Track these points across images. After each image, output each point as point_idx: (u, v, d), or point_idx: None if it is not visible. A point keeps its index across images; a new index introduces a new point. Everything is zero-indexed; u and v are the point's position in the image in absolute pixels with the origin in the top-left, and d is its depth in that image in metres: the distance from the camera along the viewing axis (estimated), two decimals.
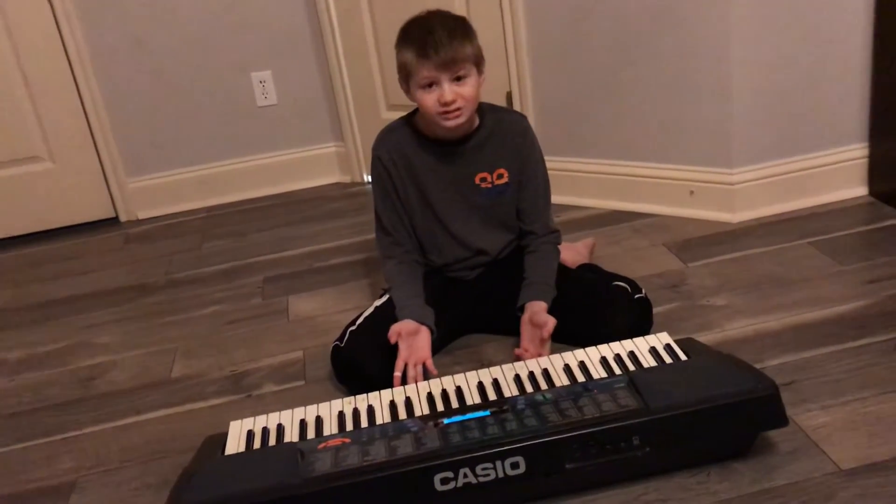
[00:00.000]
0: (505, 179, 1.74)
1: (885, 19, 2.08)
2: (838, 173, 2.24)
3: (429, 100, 1.60)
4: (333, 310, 2.07)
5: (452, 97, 1.58)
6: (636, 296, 1.71)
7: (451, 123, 1.62)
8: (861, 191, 2.26)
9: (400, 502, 1.25)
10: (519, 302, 1.71)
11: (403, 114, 1.77)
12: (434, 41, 1.55)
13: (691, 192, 2.27)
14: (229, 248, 2.60)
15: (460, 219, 1.77)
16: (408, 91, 1.65)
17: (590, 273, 1.88)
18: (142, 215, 2.97)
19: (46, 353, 2.08)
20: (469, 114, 1.64)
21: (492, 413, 1.34)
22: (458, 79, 1.59)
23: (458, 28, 1.59)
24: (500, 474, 1.24)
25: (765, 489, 1.28)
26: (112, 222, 2.96)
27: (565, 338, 1.70)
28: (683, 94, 2.19)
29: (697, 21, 2.09)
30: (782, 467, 1.32)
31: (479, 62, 1.62)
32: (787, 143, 2.20)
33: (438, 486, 1.23)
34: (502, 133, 1.73)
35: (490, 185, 1.74)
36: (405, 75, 1.63)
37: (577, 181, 2.41)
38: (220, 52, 2.85)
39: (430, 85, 1.59)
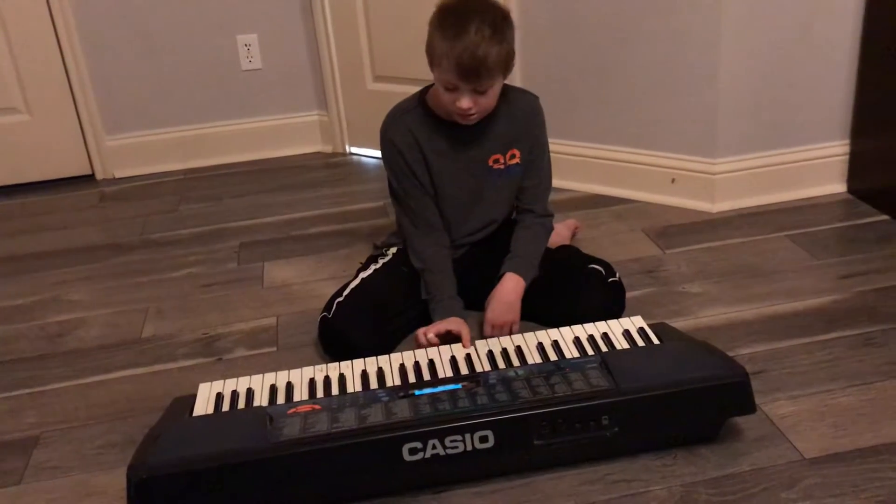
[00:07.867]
0: (517, 160, 1.72)
1: (873, 19, 2.08)
2: (819, 169, 2.26)
3: (447, 97, 1.57)
4: (309, 278, 2.05)
5: (469, 106, 1.55)
6: (610, 279, 1.71)
7: (463, 122, 1.60)
8: (840, 187, 2.28)
9: (368, 471, 1.25)
10: (500, 271, 1.70)
11: (393, 87, 1.74)
12: (467, 57, 1.47)
13: (673, 180, 2.27)
14: (206, 211, 2.57)
15: (464, 204, 1.74)
16: (431, 69, 1.59)
17: (567, 254, 1.88)
18: (118, 174, 2.92)
19: (15, 306, 2.05)
20: (484, 115, 1.61)
21: (463, 387, 1.34)
22: (481, 90, 1.55)
23: (496, 35, 1.49)
24: (469, 447, 1.24)
25: (729, 474, 1.29)
26: (88, 179, 2.91)
27: (538, 317, 1.71)
28: (670, 82, 2.18)
29: (688, 9, 2.08)
30: (748, 454, 1.33)
31: (506, 68, 1.56)
32: (770, 137, 2.21)
33: (407, 457, 1.23)
34: (516, 113, 1.70)
35: (503, 167, 1.72)
36: (430, 59, 1.57)
37: (560, 163, 2.38)
38: (207, 12, 2.80)
39: (453, 87, 1.54)
